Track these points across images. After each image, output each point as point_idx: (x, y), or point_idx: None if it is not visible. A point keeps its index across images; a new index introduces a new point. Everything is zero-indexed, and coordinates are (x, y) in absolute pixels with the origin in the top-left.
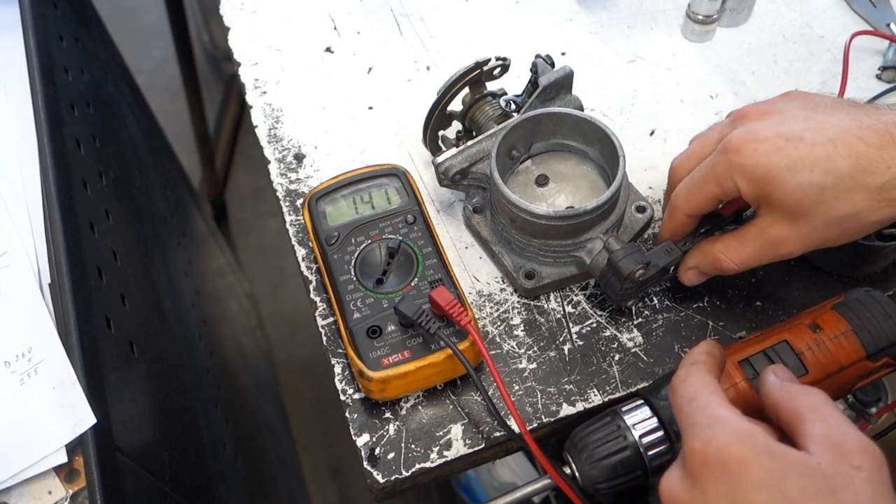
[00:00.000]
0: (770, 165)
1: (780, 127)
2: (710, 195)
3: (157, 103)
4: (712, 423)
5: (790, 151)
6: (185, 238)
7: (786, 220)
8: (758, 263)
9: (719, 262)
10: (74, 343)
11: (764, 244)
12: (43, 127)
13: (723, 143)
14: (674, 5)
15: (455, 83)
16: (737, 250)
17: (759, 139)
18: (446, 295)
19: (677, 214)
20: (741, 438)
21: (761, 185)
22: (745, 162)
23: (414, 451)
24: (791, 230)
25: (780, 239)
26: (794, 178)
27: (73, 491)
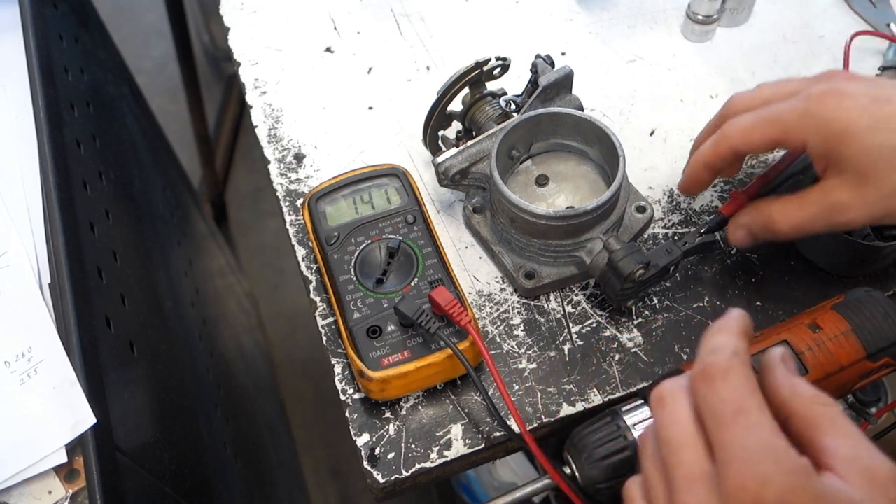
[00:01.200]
0: (850, 121)
1: (868, 88)
2: (769, 138)
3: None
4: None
5: (875, 111)
6: (185, 238)
7: (853, 185)
8: (813, 230)
9: (773, 223)
10: (74, 343)
11: (825, 208)
12: (43, 127)
13: (805, 93)
14: (674, 5)
15: (455, 83)
16: (794, 212)
17: (845, 94)
18: (446, 295)
19: (725, 144)
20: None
21: (836, 141)
22: (826, 114)
23: (414, 451)
24: (857, 195)
25: (843, 204)
26: (873, 138)
27: (73, 491)
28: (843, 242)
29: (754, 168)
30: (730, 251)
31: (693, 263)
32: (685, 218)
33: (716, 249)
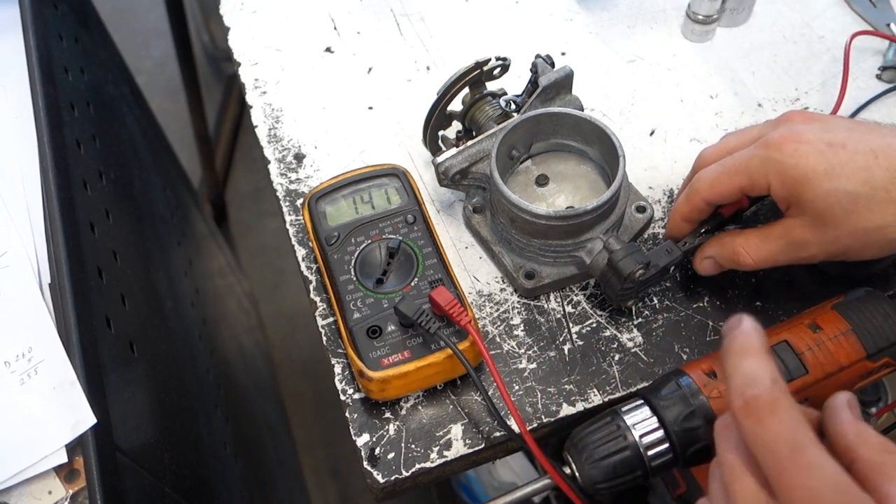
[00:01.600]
0: (808, 167)
1: (823, 133)
2: (737, 186)
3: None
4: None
5: (830, 156)
6: (185, 238)
7: (813, 225)
8: (776, 263)
9: (738, 255)
10: (74, 343)
11: (786, 245)
12: (43, 127)
13: (764, 139)
14: (674, 5)
15: (455, 83)
16: (757, 247)
17: (801, 140)
18: (446, 295)
19: (696, 198)
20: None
21: (795, 186)
22: (784, 160)
23: (414, 451)
24: (816, 235)
25: (803, 242)
26: (829, 184)
27: (73, 491)
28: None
29: None
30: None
31: None
32: None
33: None
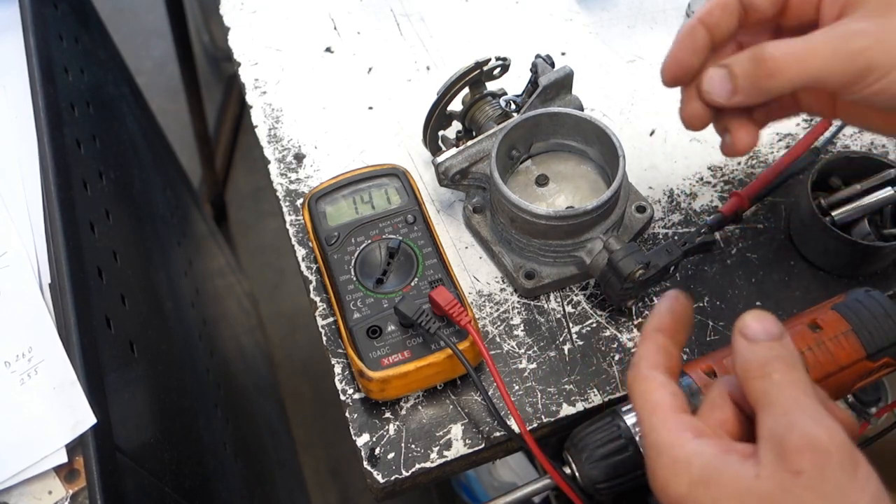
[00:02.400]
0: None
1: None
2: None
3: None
4: (656, 454)
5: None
6: (185, 238)
7: (873, 15)
8: (817, 70)
9: (765, 63)
10: (74, 343)
11: (837, 35)
12: (43, 127)
13: None
14: (674, 5)
15: (455, 83)
16: (797, 48)
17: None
18: (446, 295)
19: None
20: (677, 473)
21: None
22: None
23: (414, 451)
24: (876, 23)
25: (859, 30)
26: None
27: (74, 491)
28: (843, 242)
29: (754, 168)
30: (730, 251)
31: (693, 263)
32: (685, 218)
33: (716, 249)
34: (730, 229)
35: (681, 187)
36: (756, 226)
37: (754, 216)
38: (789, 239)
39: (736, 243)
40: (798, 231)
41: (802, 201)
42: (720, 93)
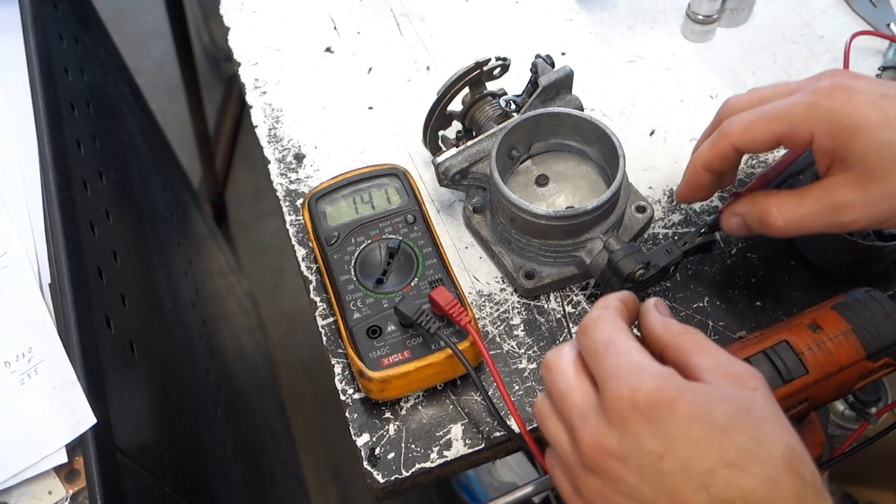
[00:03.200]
0: (861, 116)
1: (875, 85)
2: (774, 132)
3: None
4: (636, 370)
5: (885, 106)
6: (185, 238)
7: (858, 183)
8: (811, 228)
9: (769, 216)
10: (74, 343)
11: (826, 206)
12: (43, 127)
13: (811, 87)
14: (674, 5)
15: (455, 83)
16: (793, 208)
17: (854, 90)
18: (446, 295)
19: (724, 143)
20: (667, 381)
21: (845, 136)
22: (835, 108)
23: (414, 451)
24: (861, 196)
25: (846, 203)
26: (883, 134)
27: (74, 491)
28: (843, 242)
29: (754, 168)
30: (730, 251)
31: (693, 263)
32: (685, 218)
33: (716, 249)
34: None
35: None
36: None
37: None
38: (789, 239)
39: (736, 243)
40: None
41: None
42: (737, 232)
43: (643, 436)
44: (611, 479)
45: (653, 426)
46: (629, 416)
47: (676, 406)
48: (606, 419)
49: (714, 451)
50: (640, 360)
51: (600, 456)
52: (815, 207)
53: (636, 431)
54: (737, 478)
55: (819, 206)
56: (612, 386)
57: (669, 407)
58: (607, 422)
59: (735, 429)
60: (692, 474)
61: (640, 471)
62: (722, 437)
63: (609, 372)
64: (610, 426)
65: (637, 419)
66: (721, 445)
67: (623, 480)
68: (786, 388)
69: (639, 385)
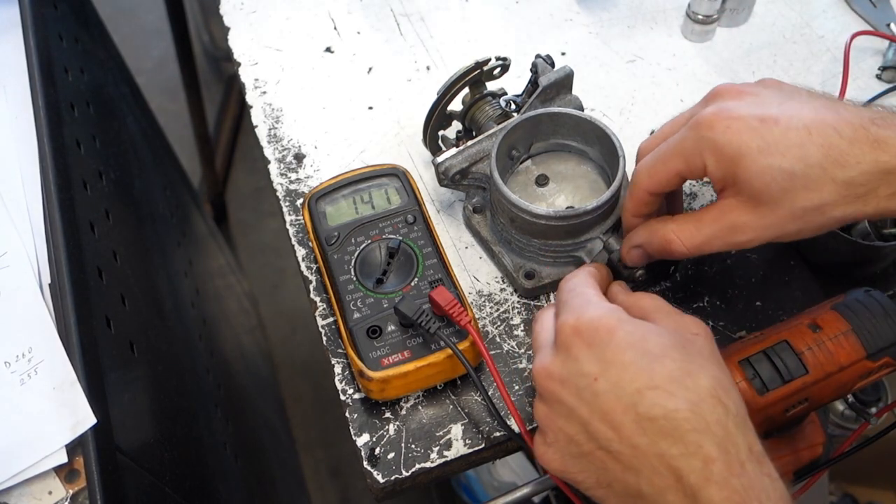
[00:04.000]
0: (741, 144)
1: (755, 108)
2: (674, 171)
3: (157, 103)
4: (584, 303)
5: (764, 133)
6: (185, 238)
7: (749, 206)
8: (710, 250)
9: (670, 243)
10: (74, 343)
11: (722, 228)
12: (43, 127)
13: (694, 119)
14: (674, 5)
15: (455, 83)
16: (691, 233)
17: (732, 116)
18: (446, 295)
19: (637, 191)
20: (608, 313)
21: (730, 164)
22: (716, 138)
23: (414, 451)
24: (753, 217)
25: (739, 225)
26: (764, 161)
27: (74, 491)
28: (843, 242)
29: None
30: (729, 251)
31: (693, 263)
32: None
33: None
34: None
35: None
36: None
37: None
38: None
39: None
40: None
41: None
42: (639, 262)
43: (582, 359)
44: (554, 402)
45: (591, 350)
46: (571, 340)
47: (614, 333)
48: (554, 347)
49: (643, 375)
50: (592, 298)
51: (546, 380)
52: (713, 230)
53: (577, 355)
54: (662, 398)
55: (716, 228)
56: (562, 317)
57: (609, 333)
58: (555, 350)
59: (666, 357)
60: (622, 394)
61: (577, 392)
62: (652, 363)
63: (564, 308)
64: (556, 353)
65: (578, 344)
66: (651, 370)
67: (563, 402)
68: (786, 387)
69: (582, 314)
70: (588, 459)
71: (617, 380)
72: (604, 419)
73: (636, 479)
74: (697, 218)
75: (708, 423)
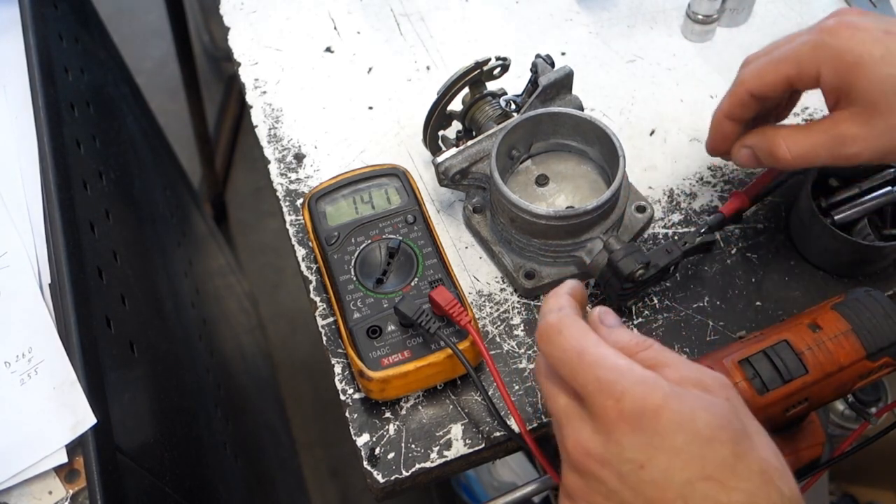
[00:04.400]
0: (864, 51)
1: (879, 22)
2: (783, 75)
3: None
4: (619, 377)
5: (889, 43)
6: (185, 238)
7: (863, 118)
8: (816, 160)
9: (777, 147)
10: (74, 343)
11: (831, 138)
12: (43, 127)
13: (817, 26)
14: (674, 5)
15: (455, 83)
16: (799, 140)
17: (858, 27)
18: (446, 295)
19: (740, 90)
20: (652, 387)
21: (849, 72)
22: (840, 45)
23: (414, 450)
24: (865, 129)
25: (850, 136)
26: (886, 69)
27: (74, 491)
28: (843, 242)
29: (754, 168)
30: (730, 251)
31: (693, 263)
32: (685, 218)
33: (716, 249)
34: (730, 229)
35: (681, 187)
36: (756, 226)
37: (754, 216)
38: (789, 239)
39: (736, 243)
40: (798, 231)
41: (802, 201)
42: (747, 164)
43: (627, 445)
44: (592, 480)
45: (637, 436)
46: (615, 424)
47: (661, 414)
48: (592, 425)
49: (695, 463)
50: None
51: (583, 458)
52: (821, 140)
53: (620, 440)
54: (715, 491)
55: (825, 138)
56: (597, 398)
57: (655, 415)
58: (592, 428)
59: (717, 441)
60: (672, 485)
61: (620, 476)
62: (704, 448)
63: (590, 383)
64: (595, 432)
65: (622, 428)
66: (702, 457)
67: (603, 482)
68: (786, 387)
69: (624, 393)
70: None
71: (666, 468)
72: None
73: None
74: (808, 127)
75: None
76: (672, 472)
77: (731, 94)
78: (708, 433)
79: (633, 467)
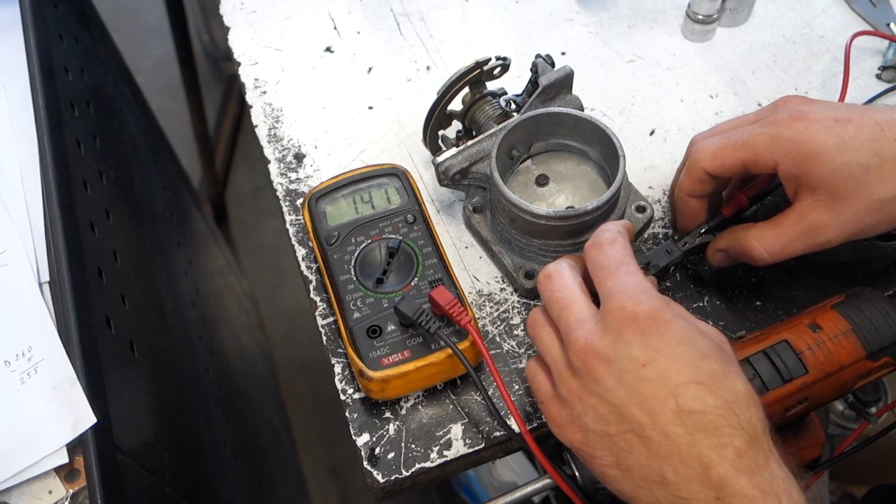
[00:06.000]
0: (819, 143)
1: (827, 111)
2: (740, 159)
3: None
4: (643, 290)
5: (839, 131)
6: (185, 238)
7: (827, 205)
8: (793, 253)
9: (751, 250)
10: (74, 343)
11: (802, 231)
12: (43, 127)
13: (770, 118)
14: (674, 5)
15: (455, 83)
16: (772, 239)
17: (809, 118)
18: (446, 295)
19: (697, 169)
20: (665, 306)
21: (807, 162)
22: (795, 137)
23: (414, 450)
24: (832, 216)
25: (819, 225)
26: (841, 157)
27: (74, 491)
28: (843, 242)
29: None
30: None
31: (693, 263)
32: None
33: None
34: None
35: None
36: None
37: (754, 216)
38: None
39: None
40: None
41: None
42: (724, 265)
43: (634, 344)
44: (591, 380)
45: (644, 338)
46: (626, 325)
47: (669, 326)
48: (603, 326)
49: (690, 369)
50: (646, 285)
51: (589, 356)
52: (794, 233)
53: (629, 339)
54: (703, 394)
55: (797, 231)
56: (618, 298)
57: (665, 325)
58: (604, 328)
59: (711, 357)
60: (667, 384)
61: (620, 375)
62: (699, 360)
63: (617, 287)
64: (605, 332)
65: (633, 329)
66: (697, 366)
67: (602, 381)
68: (786, 387)
69: (641, 302)
70: (613, 440)
71: (665, 370)
72: (641, 404)
73: (661, 466)
74: (776, 223)
75: (741, 421)
76: (669, 373)
77: (688, 174)
78: (704, 350)
79: (635, 365)
